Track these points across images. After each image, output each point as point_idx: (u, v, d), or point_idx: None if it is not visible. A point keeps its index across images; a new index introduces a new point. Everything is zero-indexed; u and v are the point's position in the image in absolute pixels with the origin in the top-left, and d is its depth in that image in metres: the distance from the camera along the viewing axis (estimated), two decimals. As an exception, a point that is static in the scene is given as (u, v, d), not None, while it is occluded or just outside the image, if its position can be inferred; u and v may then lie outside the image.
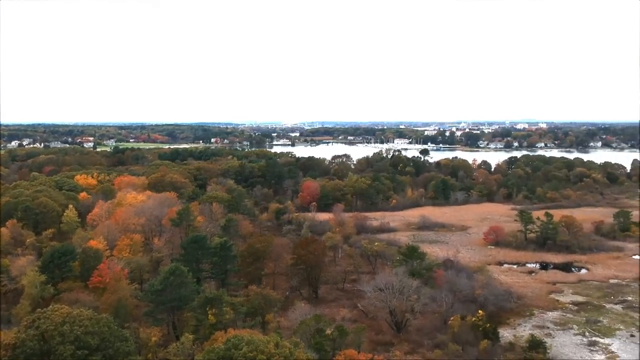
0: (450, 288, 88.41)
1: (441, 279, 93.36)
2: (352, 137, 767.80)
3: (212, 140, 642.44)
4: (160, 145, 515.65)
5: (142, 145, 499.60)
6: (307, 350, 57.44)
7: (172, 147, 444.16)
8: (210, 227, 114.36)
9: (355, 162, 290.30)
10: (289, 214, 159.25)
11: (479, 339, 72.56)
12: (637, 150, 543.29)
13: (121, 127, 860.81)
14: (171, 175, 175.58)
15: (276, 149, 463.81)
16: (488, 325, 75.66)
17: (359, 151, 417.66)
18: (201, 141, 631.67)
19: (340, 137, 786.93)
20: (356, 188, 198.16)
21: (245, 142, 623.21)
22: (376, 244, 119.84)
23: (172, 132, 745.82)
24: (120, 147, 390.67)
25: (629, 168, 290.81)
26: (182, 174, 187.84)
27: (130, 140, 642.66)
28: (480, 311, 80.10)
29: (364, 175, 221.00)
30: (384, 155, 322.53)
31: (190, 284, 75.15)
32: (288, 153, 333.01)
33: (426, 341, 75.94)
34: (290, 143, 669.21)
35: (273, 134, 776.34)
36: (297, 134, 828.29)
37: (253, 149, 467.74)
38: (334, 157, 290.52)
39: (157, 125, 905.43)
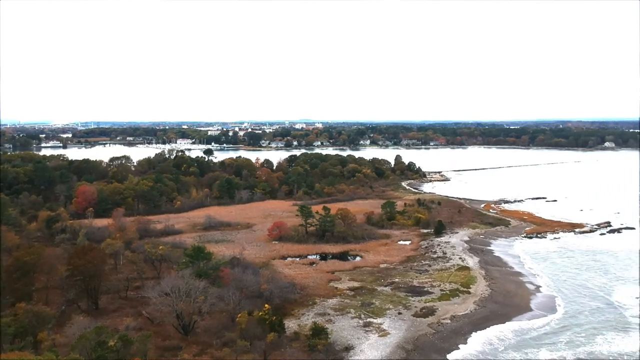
0: (238, 285, 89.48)
1: (228, 277, 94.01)
2: (131, 138, 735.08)
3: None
4: None
5: None
6: (87, 366, 53.51)
7: None
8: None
9: (135, 164, 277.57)
10: (62, 221, 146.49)
11: (267, 332, 74.62)
12: (400, 147, 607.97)
13: None
14: None
15: (45, 152, 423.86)
16: (274, 318, 78.16)
17: (140, 152, 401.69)
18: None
19: (118, 138, 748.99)
20: (137, 191, 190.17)
21: (7, 145, 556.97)
22: (160, 247, 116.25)
23: None
24: None
25: (393, 163, 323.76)
26: None
27: None
28: (266, 305, 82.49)
29: (145, 177, 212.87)
30: (167, 156, 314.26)
31: (-59, 309, 65.16)
32: (59, 155, 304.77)
33: (215, 341, 75.77)
34: (61, 145, 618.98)
35: (41, 135, 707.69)
36: (70, 135, 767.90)
37: (17, 151, 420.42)
38: (112, 159, 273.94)
39: None
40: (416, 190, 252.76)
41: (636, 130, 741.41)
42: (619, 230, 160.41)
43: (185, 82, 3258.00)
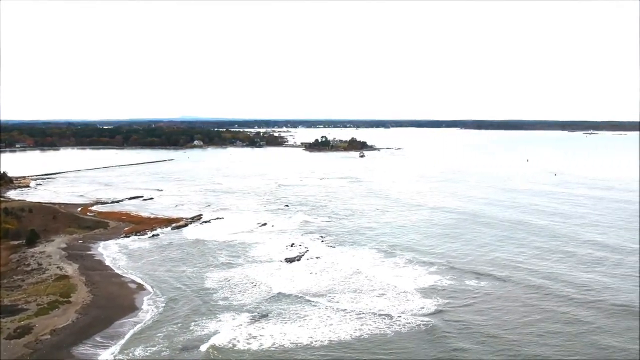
0: None
1: None
2: None
3: None
4: None
5: None
6: None
7: None
8: None
9: None
10: None
11: None
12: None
13: None
14: None
15: None
16: None
17: None
18: None
19: None
20: None
21: None
22: None
23: None
24: None
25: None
26: None
27: None
28: None
29: None
30: None
31: None
32: None
33: None
34: None
35: None
36: None
37: None
38: None
39: None
40: (2, 198, 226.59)
41: (221, 130, 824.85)
42: (209, 221, 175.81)
43: None
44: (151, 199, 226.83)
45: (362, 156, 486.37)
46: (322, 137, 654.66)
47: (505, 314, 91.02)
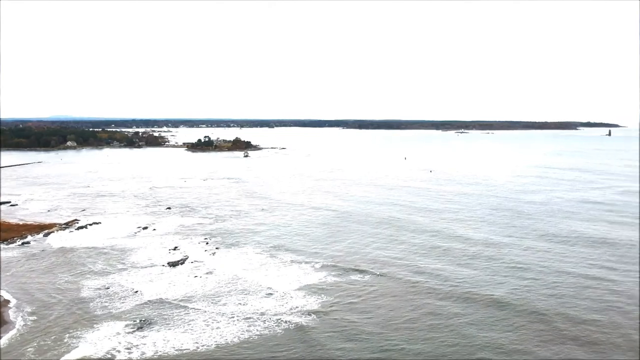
0: None
1: None
2: None
3: None
4: None
5: None
6: None
7: None
8: None
9: None
10: None
11: None
12: None
13: None
14: None
15: None
16: None
17: None
18: None
19: None
20: None
21: None
22: None
23: None
24: None
25: None
26: None
27: None
28: None
29: None
30: None
31: None
32: None
33: None
34: None
35: None
36: None
37: None
38: None
39: None
40: None
41: (96, 130, 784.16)
42: (85, 227, 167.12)
43: None
44: (18, 204, 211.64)
45: (246, 156, 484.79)
46: (205, 137, 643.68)
47: (386, 311, 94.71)
